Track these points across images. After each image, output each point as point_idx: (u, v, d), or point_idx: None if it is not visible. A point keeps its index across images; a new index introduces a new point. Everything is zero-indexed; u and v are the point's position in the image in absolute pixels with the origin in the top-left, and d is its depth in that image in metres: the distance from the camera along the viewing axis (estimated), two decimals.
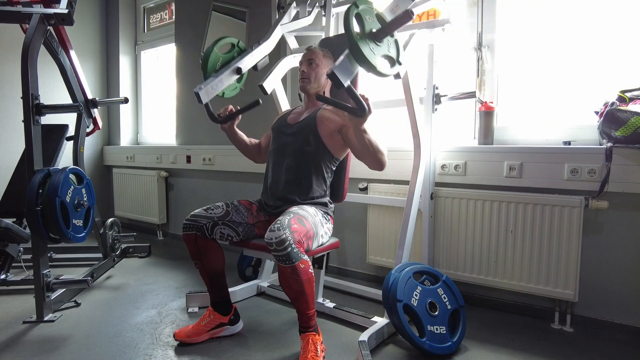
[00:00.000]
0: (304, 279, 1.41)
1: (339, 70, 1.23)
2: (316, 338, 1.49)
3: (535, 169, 1.85)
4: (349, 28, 1.22)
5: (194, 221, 1.65)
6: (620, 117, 1.63)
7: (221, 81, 1.67)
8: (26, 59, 1.75)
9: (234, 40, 1.82)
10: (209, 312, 1.73)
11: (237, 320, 1.77)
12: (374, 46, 1.27)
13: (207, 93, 1.61)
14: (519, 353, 1.60)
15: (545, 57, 2.00)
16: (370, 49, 1.25)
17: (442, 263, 2.06)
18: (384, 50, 1.31)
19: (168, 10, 3.73)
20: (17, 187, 2.43)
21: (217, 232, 1.66)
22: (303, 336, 1.49)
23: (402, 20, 1.27)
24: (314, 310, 1.50)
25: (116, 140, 4.01)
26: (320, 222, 1.62)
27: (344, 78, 1.24)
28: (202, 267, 1.69)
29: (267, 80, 1.83)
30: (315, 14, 2.23)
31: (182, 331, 1.67)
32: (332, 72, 1.22)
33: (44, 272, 1.87)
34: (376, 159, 1.56)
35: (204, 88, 1.60)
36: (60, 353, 1.58)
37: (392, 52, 1.34)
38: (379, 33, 1.29)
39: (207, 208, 1.70)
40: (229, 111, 1.81)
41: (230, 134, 1.90)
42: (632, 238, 1.70)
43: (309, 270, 1.42)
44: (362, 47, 1.22)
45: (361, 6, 1.28)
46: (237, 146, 1.97)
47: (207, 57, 1.72)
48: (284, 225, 1.40)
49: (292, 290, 1.44)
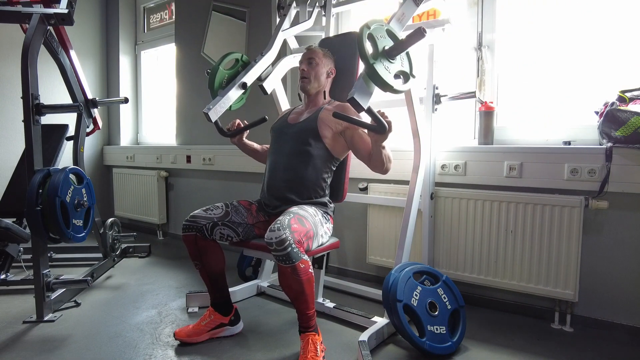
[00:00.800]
0: (303, 279, 1.41)
1: (358, 95, 1.25)
2: (316, 338, 1.49)
3: (535, 169, 1.85)
4: (363, 50, 1.24)
5: (193, 222, 1.65)
6: (620, 117, 1.63)
7: (228, 98, 1.73)
8: (26, 59, 1.75)
9: (237, 55, 1.90)
10: (209, 312, 1.73)
11: (237, 320, 1.77)
12: (387, 64, 1.29)
13: (215, 112, 1.68)
14: (519, 353, 1.60)
15: (545, 57, 2.00)
16: (384, 67, 1.27)
17: (442, 263, 2.06)
18: (397, 67, 1.33)
19: (168, 10, 3.74)
20: (17, 187, 2.43)
21: (217, 232, 1.66)
22: (303, 336, 1.49)
23: (414, 38, 1.29)
24: (313, 310, 1.50)
25: (116, 140, 4.01)
26: (320, 222, 1.63)
27: (364, 101, 1.27)
28: (202, 267, 1.69)
29: (267, 80, 1.84)
30: (316, 15, 2.23)
31: (183, 331, 1.67)
32: (352, 97, 1.24)
33: (44, 272, 1.87)
34: (386, 168, 1.63)
35: (212, 108, 1.67)
36: (60, 353, 1.58)
37: (405, 67, 1.36)
38: (392, 51, 1.31)
39: (206, 209, 1.70)
40: (236, 126, 1.90)
41: (240, 146, 1.99)
42: (632, 238, 1.70)
43: (309, 270, 1.42)
44: (378, 68, 1.24)
45: (372, 26, 1.29)
46: (251, 156, 2.06)
47: (214, 76, 1.80)
48: (284, 225, 1.40)
49: (292, 290, 1.44)
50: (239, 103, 1.89)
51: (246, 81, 1.77)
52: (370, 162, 1.65)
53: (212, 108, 1.66)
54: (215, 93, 1.78)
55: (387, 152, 1.59)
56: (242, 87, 1.75)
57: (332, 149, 1.73)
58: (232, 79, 1.83)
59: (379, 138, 1.48)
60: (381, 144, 1.53)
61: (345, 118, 1.46)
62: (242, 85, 1.75)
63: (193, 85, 3.28)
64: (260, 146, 2.05)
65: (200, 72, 1.74)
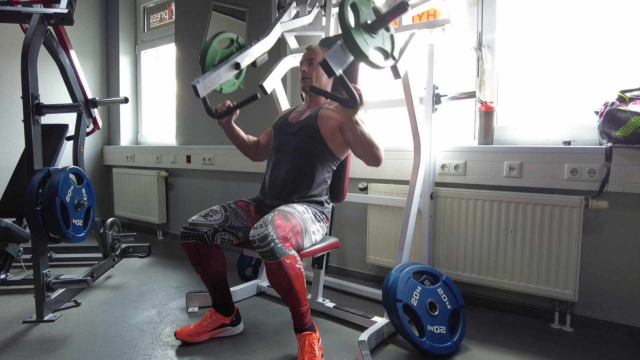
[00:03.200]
0: (291, 275, 1.39)
1: (331, 59, 1.22)
2: (312, 337, 1.48)
3: (535, 169, 1.85)
4: (344, 17, 1.20)
5: (193, 229, 1.62)
6: (620, 117, 1.63)
7: (219, 75, 1.64)
8: (26, 58, 1.75)
9: (233, 35, 1.80)
10: (210, 313, 1.72)
11: (238, 321, 1.77)
12: (368, 37, 1.25)
13: (204, 87, 1.58)
14: (519, 353, 1.60)
15: (545, 57, 2.00)
16: (364, 39, 1.23)
17: (442, 263, 2.06)
18: (378, 43, 1.29)
19: (168, 10, 3.74)
20: (17, 187, 2.43)
21: (218, 238, 1.65)
22: (299, 337, 1.49)
23: (397, 11, 1.26)
24: (306, 306, 1.49)
25: (116, 140, 4.01)
26: (311, 220, 1.60)
27: (336, 66, 1.23)
28: (203, 272, 1.68)
29: (267, 80, 1.83)
30: (315, 14, 2.23)
31: (184, 330, 1.67)
32: (324, 59, 1.21)
33: (44, 271, 1.87)
34: (371, 153, 1.54)
35: (201, 81, 1.57)
36: (60, 353, 1.58)
37: (386, 46, 1.32)
38: (374, 24, 1.27)
39: (205, 214, 1.67)
40: (226, 106, 1.79)
41: (227, 129, 1.87)
42: (632, 238, 1.70)
43: (296, 266, 1.41)
44: (356, 37, 1.20)
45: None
46: (235, 142, 1.94)
47: (206, 51, 1.70)
48: (266, 222, 1.40)
49: (282, 287, 1.43)
50: (231, 87, 1.82)
51: (240, 62, 1.69)
52: (357, 149, 1.58)
53: (201, 81, 1.56)
54: (206, 69, 1.69)
55: (363, 129, 1.50)
56: (235, 67, 1.68)
57: (333, 147, 1.73)
58: (225, 58, 1.73)
59: (350, 112, 1.41)
60: (353, 118, 1.45)
61: (321, 92, 1.44)
62: (235, 65, 1.67)
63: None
64: (247, 136, 1.96)
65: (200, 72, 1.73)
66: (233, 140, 1.92)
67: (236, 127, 1.89)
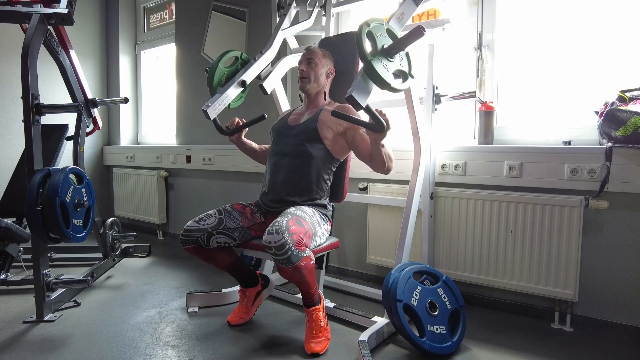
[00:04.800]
0: (305, 273, 1.46)
1: (357, 93, 1.25)
2: (319, 312, 1.60)
3: (535, 168, 1.85)
4: (362, 47, 1.23)
5: (188, 236, 1.66)
6: (620, 117, 1.63)
7: (227, 96, 1.72)
8: (26, 58, 1.75)
9: (237, 53, 1.89)
10: (242, 292, 1.83)
11: (267, 281, 1.89)
12: (386, 62, 1.29)
13: (214, 109, 1.67)
14: (519, 353, 1.60)
15: (545, 56, 2.00)
16: (383, 65, 1.27)
17: (442, 263, 2.06)
18: (396, 66, 1.33)
19: (168, 10, 3.74)
20: (17, 187, 2.43)
21: (214, 241, 1.67)
22: (308, 311, 1.61)
23: (413, 36, 1.29)
24: (315, 287, 1.59)
25: (116, 140, 4.01)
26: (318, 223, 1.63)
27: (362, 99, 1.27)
28: (215, 266, 1.76)
29: (267, 80, 1.84)
30: (315, 15, 2.23)
31: (234, 317, 1.81)
32: (350, 95, 1.24)
33: (44, 271, 1.87)
34: (387, 167, 1.64)
35: (211, 105, 1.66)
36: (60, 353, 1.58)
37: (404, 66, 1.36)
38: (391, 49, 1.31)
39: (199, 219, 1.69)
40: (235, 124, 1.91)
41: (239, 144, 2.00)
42: (632, 238, 1.70)
43: (310, 264, 1.47)
44: (376, 66, 1.24)
45: (372, 24, 1.29)
46: (248, 155, 2.06)
47: (213, 73, 1.79)
48: (282, 228, 1.41)
49: (295, 280, 1.51)
50: (238, 102, 1.88)
51: (245, 79, 1.76)
52: (372, 162, 1.65)
53: (210, 105, 1.65)
54: (214, 90, 1.77)
55: (387, 150, 1.60)
56: (241, 85, 1.75)
57: (333, 150, 1.74)
58: (231, 76, 1.82)
59: (377, 136, 1.49)
60: (380, 142, 1.53)
61: (344, 117, 1.47)
62: (242, 83, 1.75)
63: (193, 85, 3.28)
64: (258, 146, 2.05)
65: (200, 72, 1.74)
66: (246, 153, 2.05)
67: (246, 140, 2.01)
